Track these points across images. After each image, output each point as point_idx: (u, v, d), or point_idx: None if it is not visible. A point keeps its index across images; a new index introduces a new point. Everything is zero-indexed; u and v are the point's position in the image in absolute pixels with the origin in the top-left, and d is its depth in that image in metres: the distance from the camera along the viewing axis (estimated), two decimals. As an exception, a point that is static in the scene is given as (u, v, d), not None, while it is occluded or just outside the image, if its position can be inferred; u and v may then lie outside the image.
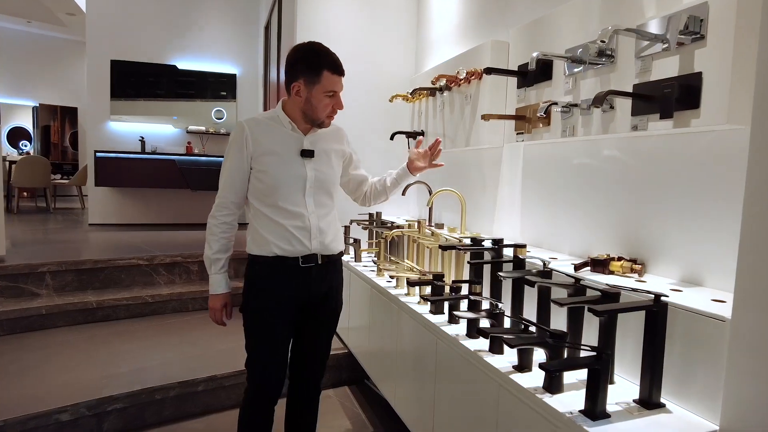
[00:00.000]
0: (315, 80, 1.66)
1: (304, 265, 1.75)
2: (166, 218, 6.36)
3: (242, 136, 1.72)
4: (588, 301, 1.32)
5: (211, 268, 1.80)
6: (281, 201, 1.72)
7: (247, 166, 1.74)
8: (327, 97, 1.69)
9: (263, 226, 1.74)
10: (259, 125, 1.75)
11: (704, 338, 1.19)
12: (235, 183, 1.76)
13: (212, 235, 1.78)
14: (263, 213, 1.74)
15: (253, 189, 1.76)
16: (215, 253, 1.78)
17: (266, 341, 1.78)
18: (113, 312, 3.62)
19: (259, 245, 1.75)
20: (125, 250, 4.32)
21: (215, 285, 1.80)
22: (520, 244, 1.79)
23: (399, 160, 3.77)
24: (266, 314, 1.76)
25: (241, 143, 1.72)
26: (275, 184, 1.71)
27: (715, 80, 1.28)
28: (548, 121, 1.94)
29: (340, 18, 3.49)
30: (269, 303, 1.75)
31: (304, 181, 1.74)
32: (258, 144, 1.72)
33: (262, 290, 1.76)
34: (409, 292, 2.25)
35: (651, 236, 1.63)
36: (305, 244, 1.74)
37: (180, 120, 6.34)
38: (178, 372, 2.73)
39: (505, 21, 2.50)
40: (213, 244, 1.78)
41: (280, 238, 1.72)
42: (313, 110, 1.70)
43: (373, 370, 2.64)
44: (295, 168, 1.74)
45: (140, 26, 6.05)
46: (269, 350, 1.79)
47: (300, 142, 1.76)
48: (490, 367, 1.49)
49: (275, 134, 1.75)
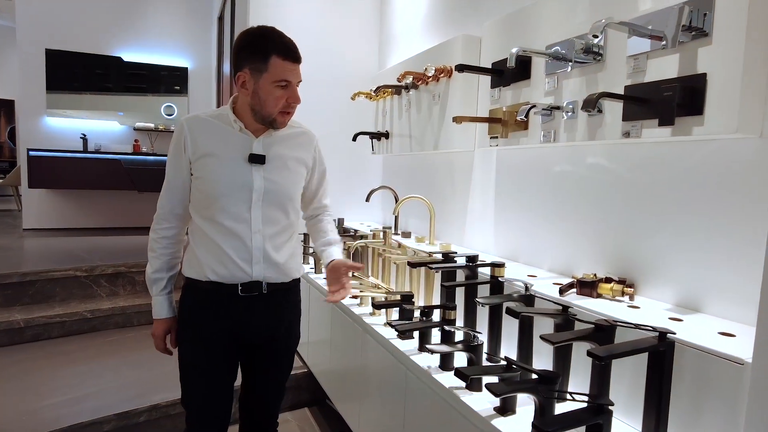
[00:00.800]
0: (262, 68, 1.36)
1: (243, 294, 1.47)
2: (111, 222, 5.91)
3: (180, 136, 1.45)
4: (580, 338, 1.14)
5: (152, 289, 1.53)
6: (219, 214, 1.43)
7: (187, 172, 1.47)
8: (278, 87, 1.38)
9: (199, 244, 1.48)
10: (201, 124, 1.46)
11: (717, 381, 1.03)
12: (175, 191, 1.49)
13: (152, 252, 1.52)
14: (200, 228, 1.47)
15: (193, 199, 1.49)
16: (155, 272, 1.52)
17: (202, 378, 1.52)
18: (45, 331, 3.24)
19: (193, 267, 1.48)
20: (62, 259, 3.92)
21: (156, 309, 1.54)
22: (498, 263, 1.60)
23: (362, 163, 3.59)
24: (200, 348, 1.50)
25: (180, 145, 1.45)
26: (213, 193, 1.42)
27: (723, 83, 1.13)
28: (526, 125, 1.76)
29: (297, 8, 3.23)
30: (203, 336, 1.49)
31: (250, 192, 1.44)
32: (197, 144, 1.44)
33: (195, 320, 1.50)
34: (374, 312, 2.03)
35: (642, 254, 1.48)
36: (244, 269, 1.45)
37: (126, 116, 5.90)
38: (117, 401, 2.43)
39: (477, 14, 2.31)
40: (153, 261, 1.52)
41: (215, 260, 1.45)
42: (261, 104, 1.40)
43: (335, 391, 2.42)
44: (239, 175, 1.44)
45: (79, 14, 5.56)
46: (205, 389, 1.52)
47: (249, 146, 1.46)
48: (469, 410, 1.29)
49: (218, 134, 1.46)
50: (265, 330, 1.55)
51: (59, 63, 5.51)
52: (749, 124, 1.12)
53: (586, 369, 1.23)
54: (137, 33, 5.83)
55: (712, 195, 1.28)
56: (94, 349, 3.12)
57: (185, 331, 1.53)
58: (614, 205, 1.57)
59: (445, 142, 2.30)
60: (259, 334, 1.54)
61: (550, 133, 1.65)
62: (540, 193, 1.90)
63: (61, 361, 2.90)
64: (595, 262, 1.63)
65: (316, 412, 2.81)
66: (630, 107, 1.34)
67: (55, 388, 2.55)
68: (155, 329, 1.56)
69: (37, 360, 2.91)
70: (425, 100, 2.48)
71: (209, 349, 1.50)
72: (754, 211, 1.18)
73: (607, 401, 1.01)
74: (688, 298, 1.35)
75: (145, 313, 3.57)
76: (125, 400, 2.44)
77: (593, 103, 1.27)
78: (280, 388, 1.69)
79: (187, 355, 1.53)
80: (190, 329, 1.51)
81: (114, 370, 2.79)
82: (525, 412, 1.26)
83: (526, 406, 1.28)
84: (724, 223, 1.25)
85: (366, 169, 3.45)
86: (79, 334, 3.36)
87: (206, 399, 1.53)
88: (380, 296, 1.97)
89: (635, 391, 1.17)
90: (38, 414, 2.29)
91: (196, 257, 1.47)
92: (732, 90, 1.10)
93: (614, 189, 1.57)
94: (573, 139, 1.56)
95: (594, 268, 1.62)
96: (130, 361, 2.91)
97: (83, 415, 2.29)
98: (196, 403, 1.54)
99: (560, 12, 1.61)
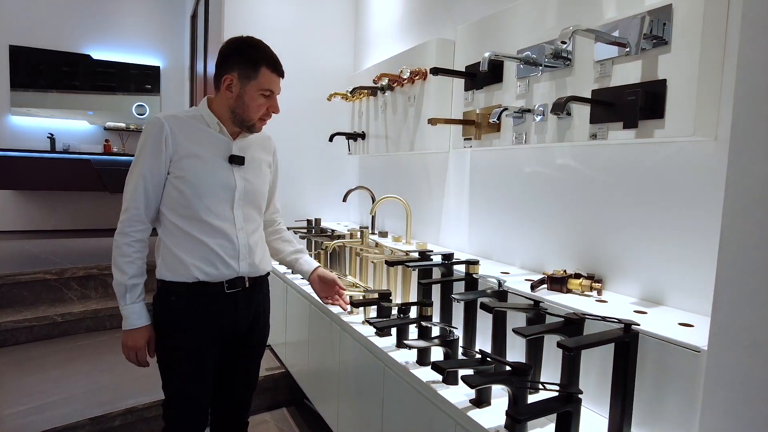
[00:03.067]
0: (251, 75, 1.45)
1: (229, 290, 1.51)
2: (80, 224, 5.77)
3: (161, 134, 1.44)
4: (551, 331, 1.19)
5: (126, 297, 1.46)
6: (205, 213, 1.46)
7: (165, 171, 1.46)
8: (262, 96, 1.48)
9: (179, 244, 1.47)
10: (181, 123, 1.48)
11: (677, 368, 1.09)
12: (150, 191, 1.46)
13: (124, 257, 1.46)
14: (180, 228, 1.47)
15: (168, 198, 1.48)
16: (131, 278, 1.46)
17: (188, 381, 1.53)
18: (12, 336, 3.15)
19: (174, 269, 1.48)
20: (30, 262, 3.81)
21: (134, 317, 1.47)
22: (472, 261, 1.65)
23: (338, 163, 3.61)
24: (186, 352, 1.51)
25: (160, 142, 1.44)
26: (197, 192, 1.45)
27: (681, 89, 1.20)
28: (498, 127, 1.81)
29: (272, 8, 3.22)
30: (189, 340, 1.50)
31: (232, 192, 1.51)
32: (178, 145, 1.45)
33: (180, 325, 1.50)
34: (352, 311, 2.06)
35: (608, 251, 1.55)
36: (232, 266, 1.51)
37: (96, 115, 5.77)
38: (89, 406, 2.39)
39: (451, 17, 2.36)
40: (127, 267, 1.46)
41: (202, 259, 1.47)
42: (245, 109, 1.48)
43: (313, 391, 2.44)
44: (222, 175, 1.50)
45: (44, 10, 5.42)
46: (192, 391, 1.54)
47: (228, 147, 1.52)
48: (446, 403, 1.33)
49: (199, 135, 1.49)
50: (246, 323, 1.60)
51: (24, 60, 5.35)
52: (705, 128, 1.19)
53: (556, 361, 1.28)
54: (107, 30, 5.71)
55: (672, 194, 1.36)
56: (64, 353, 3.05)
57: (170, 337, 1.51)
58: (583, 203, 1.64)
59: (421, 143, 2.34)
60: (242, 326, 1.59)
61: (521, 135, 1.71)
62: (512, 192, 1.95)
63: (29, 367, 2.82)
64: (564, 258, 1.70)
65: (294, 412, 2.81)
66: (597, 110, 1.40)
67: (23, 395, 2.48)
68: (134, 340, 1.48)
69: (4, 366, 2.83)
70: (401, 101, 2.52)
71: (198, 351, 1.51)
72: (710, 209, 1.26)
73: (576, 390, 1.07)
74: (652, 292, 1.42)
75: (117, 316, 3.50)
76: (98, 405, 2.39)
77: (562, 106, 1.33)
78: (255, 378, 1.75)
79: (173, 360, 1.52)
80: (177, 333, 1.51)
81: (86, 375, 2.73)
82: (500, 403, 1.30)
83: (500, 398, 1.33)
84: (684, 221, 1.33)
85: (342, 169, 3.47)
86: (49, 338, 3.27)
87: (193, 399, 1.54)
88: (358, 295, 2.00)
89: (603, 381, 1.23)
90: (6, 421, 2.23)
91: (177, 258, 1.47)
92: (689, 95, 1.17)
93: (582, 188, 1.64)
94: (543, 141, 1.62)
95: (564, 265, 1.69)
96: (102, 367, 2.85)
97: (55, 421, 2.24)
98: (182, 404, 1.54)
99: (531, 18, 1.67)
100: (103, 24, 5.69)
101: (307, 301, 2.41)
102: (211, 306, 1.50)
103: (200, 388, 1.54)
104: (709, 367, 0.97)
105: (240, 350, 1.64)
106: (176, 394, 1.54)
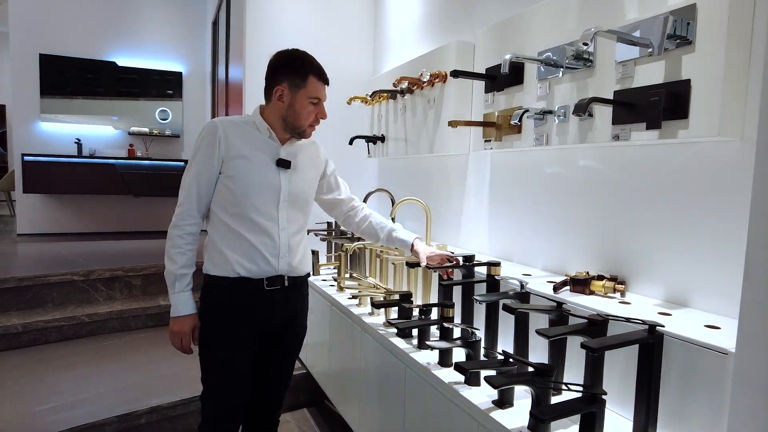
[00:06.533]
0: (300, 84, 1.55)
1: (268, 288, 1.58)
2: (106, 227, 5.90)
3: (215, 136, 1.54)
4: (574, 332, 1.19)
5: (175, 286, 1.55)
6: (252, 212, 1.55)
7: (217, 170, 1.56)
8: (311, 104, 1.57)
9: (225, 241, 1.56)
10: (234, 126, 1.58)
11: (703, 371, 1.08)
12: (202, 188, 1.57)
13: (176, 248, 1.55)
14: (227, 225, 1.56)
15: (219, 197, 1.57)
16: (181, 268, 1.55)
17: (228, 376, 1.59)
18: (42, 335, 3.25)
19: (219, 264, 1.56)
20: (58, 263, 3.92)
21: (181, 305, 1.56)
22: (494, 262, 1.65)
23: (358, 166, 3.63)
24: (228, 346, 1.58)
25: (214, 144, 1.54)
26: (245, 191, 1.54)
27: (705, 88, 1.19)
28: (519, 129, 1.82)
29: (293, 14, 3.27)
30: (231, 333, 1.57)
31: (278, 193, 1.59)
32: (230, 146, 1.55)
33: (223, 318, 1.57)
34: (373, 312, 2.08)
35: (632, 252, 1.53)
36: (272, 263, 1.58)
37: (121, 120, 5.90)
38: (116, 404, 2.45)
39: (470, 20, 2.37)
40: (177, 257, 1.55)
41: (244, 255, 1.55)
42: (295, 116, 1.57)
43: (334, 392, 2.46)
44: (269, 177, 1.58)
45: (73, 18, 5.57)
46: (232, 385, 1.60)
47: (276, 151, 1.61)
48: (468, 404, 1.34)
49: (250, 138, 1.59)
50: (284, 321, 1.67)
51: (53, 67, 5.50)
52: (731, 127, 1.18)
53: (579, 363, 1.28)
54: (131, 38, 5.84)
55: (697, 195, 1.34)
56: (91, 352, 3.13)
57: (213, 330, 1.58)
58: (605, 205, 1.63)
59: (440, 145, 2.35)
60: (279, 324, 1.65)
61: (542, 136, 1.71)
62: (533, 194, 1.95)
63: (59, 366, 2.91)
64: (587, 260, 1.69)
65: (315, 413, 2.84)
66: (619, 111, 1.40)
67: (53, 392, 2.56)
68: (181, 326, 1.57)
69: (35, 364, 2.92)
70: (420, 104, 2.53)
71: (239, 344, 1.58)
72: (737, 209, 1.24)
73: (600, 391, 1.06)
74: (677, 294, 1.41)
75: (141, 317, 3.59)
76: (125, 403, 2.45)
77: (584, 107, 1.33)
78: (289, 377, 1.81)
79: (216, 352, 1.59)
80: (218, 326, 1.58)
81: (112, 374, 2.80)
82: (522, 405, 1.30)
83: (523, 399, 1.33)
84: (709, 222, 1.31)
85: (362, 172, 3.50)
86: (77, 338, 3.36)
87: (232, 393, 1.60)
88: (379, 296, 2.02)
89: (627, 382, 1.23)
90: (38, 417, 2.31)
91: (222, 254, 1.55)
92: (714, 95, 1.17)
93: (604, 190, 1.63)
94: (564, 142, 1.62)
95: (586, 267, 1.68)
96: (128, 366, 2.92)
97: (83, 418, 2.30)
98: (220, 397, 1.60)
99: (551, 20, 1.67)
100: (127, 31, 5.82)
101: (327, 302, 2.44)
102: (250, 301, 1.57)
103: (237, 382, 1.60)
104: (737, 369, 0.96)
105: (276, 349, 1.71)
106: (214, 387, 1.60)
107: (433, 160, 2.70)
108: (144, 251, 4.62)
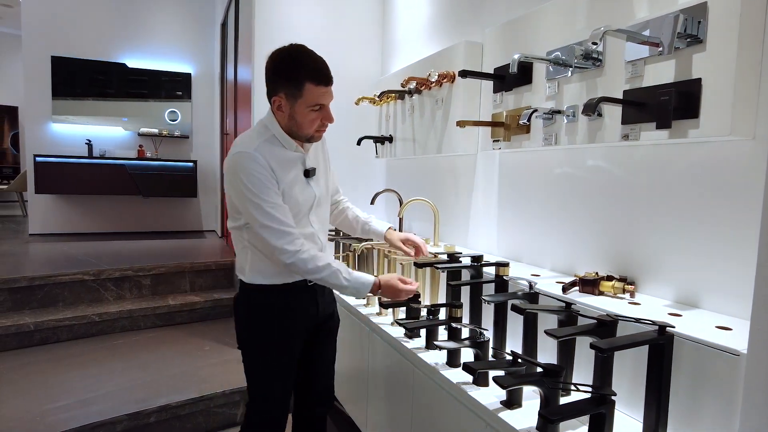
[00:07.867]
0: (296, 94, 1.44)
1: (310, 283, 1.60)
2: (116, 227, 5.95)
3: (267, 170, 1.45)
4: (584, 332, 1.18)
5: (343, 277, 1.50)
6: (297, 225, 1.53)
7: None
8: (312, 111, 1.48)
9: None
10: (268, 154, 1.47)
11: (715, 372, 1.07)
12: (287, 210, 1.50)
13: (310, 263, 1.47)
14: None
15: None
16: (330, 265, 1.50)
17: (281, 374, 1.62)
18: (53, 334, 3.29)
19: (268, 274, 1.56)
20: (69, 263, 3.96)
21: (364, 279, 1.54)
22: (502, 263, 1.65)
23: (366, 166, 3.64)
24: (280, 346, 1.60)
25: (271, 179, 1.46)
26: (293, 212, 1.53)
27: (716, 88, 1.18)
28: (528, 129, 1.81)
29: (301, 15, 3.29)
30: (284, 333, 1.59)
31: (312, 200, 1.60)
32: (277, 177, 1.49)
33: (273, 321, 1.58)
34: (381, 312, 2.08)
35: (641, 253, 1.52)
36: None
37: (131, 121, 5.95)
38: (126, 402, 2.47)
39: (478, 20, 2.37)
40: (320, 263, 1.48)
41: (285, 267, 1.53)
42: (298, 127, 1.50)
43: (342, 391, 2.46)
44: (306, 193, 1.58)
45: (84, 21, 5.63)
46: (285, 383, 1.63)
47: (303, 162, 1.59)
48: (476, 404, 1.34)
49: (283, 160, 1.52)
50: (329, 309, 1.72)
51: (64, 69, 5.57)
52: (742, 127, 1.17)
53: (588, 364, 1.27)
54: (141, 40, 5.89)
55: (707, 195, 1.33)
56: (102, 351, 3.16)
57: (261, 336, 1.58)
58: (614, 205, 1.62)
59: (449, 145, 2.35)
60: (324, 315, 1.70)
61: (551, 136, 1.70)
62: (542, 194, 1.94)
63: (70, 364, 2.94)
64: (596, 260, 1.68)
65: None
66: (629, 111, 1.39)
67: (64, 390, 2.59)
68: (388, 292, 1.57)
69: (47, 363, 2.95)
70: (428, 104, 2.53)
71: (290, 345, 1.61)
72: (748, 209, 1.23)
73: (609, 392, 1.06)
74: (687, 295, 1.40)
75: (151, 316, 3.62)
76: (134, 402, 2.48)
77: (593, 107, 1.32)
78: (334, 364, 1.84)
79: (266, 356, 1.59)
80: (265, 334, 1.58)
81: (122, 373, 2.83)
82: (531, 405, 1.30)
83: (531, 400, 1.33)
84: (720, 222, 1.30)
85: (370, 172, 3.50)
86: (87, 337, 3.40)
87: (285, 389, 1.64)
88: (387, 296, 2.02)
89: (636, 384, 1.22)
90: (49, 415, 2.33)
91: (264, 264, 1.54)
92: (725, 94, 1.15)
93: (614, 190, 1.62)
94: (574, 142, 1.61)
95: (595, 267, 1.67)
96: (138, 365, 2.95)
97: (94, 416, 2.33)
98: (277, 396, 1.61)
99: (560, 19, 1.66)
100: (137, 33, 5.87)
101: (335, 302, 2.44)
102: (296, 299, 1.60)
103: (288, 381, 1.64)
104: (749, 371, 0.95)
105: (320, 338, 1.73)
106: (267, 387, 1.61)
107: (442, 160, 2.70)
108: (153, 251, 4.65)
